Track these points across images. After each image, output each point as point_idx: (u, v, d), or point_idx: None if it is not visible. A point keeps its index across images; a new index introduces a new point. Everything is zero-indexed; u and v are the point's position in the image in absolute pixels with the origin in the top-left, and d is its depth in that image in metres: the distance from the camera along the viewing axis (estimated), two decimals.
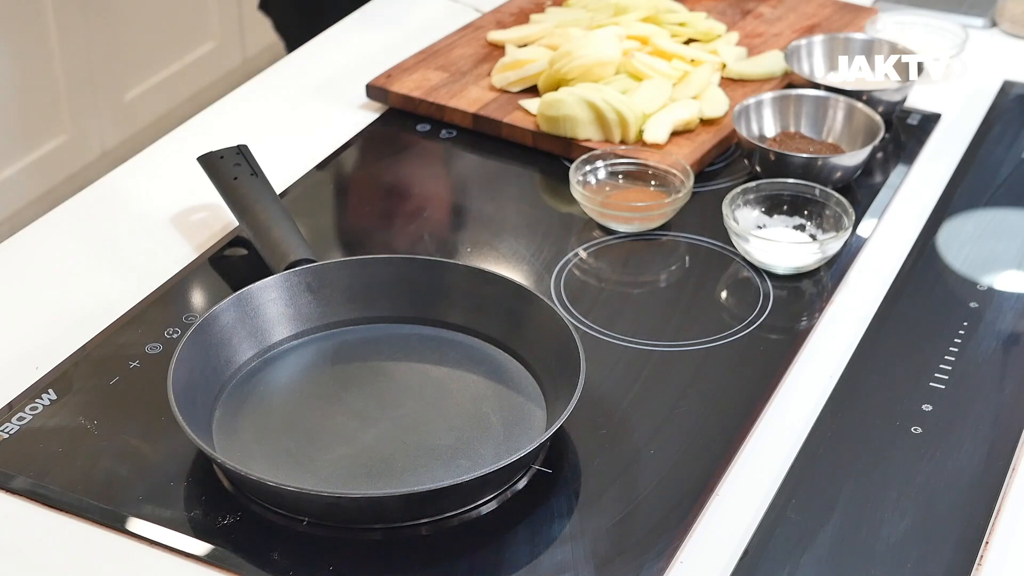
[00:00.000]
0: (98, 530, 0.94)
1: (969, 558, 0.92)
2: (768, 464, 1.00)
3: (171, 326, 1.12)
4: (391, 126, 1.45)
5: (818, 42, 1.50)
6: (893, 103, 1.42)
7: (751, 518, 0.95)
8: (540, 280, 1.20)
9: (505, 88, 1.46)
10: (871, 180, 1.35)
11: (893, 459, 1.00)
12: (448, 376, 1.07)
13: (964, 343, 1.12)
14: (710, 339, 1.13)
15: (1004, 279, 1.22)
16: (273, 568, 0.91)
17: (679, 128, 1.37)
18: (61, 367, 1.08)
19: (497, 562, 0.92)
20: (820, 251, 1.20)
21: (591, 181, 1.30)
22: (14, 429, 1.02)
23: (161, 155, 1.39)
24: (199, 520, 0.94)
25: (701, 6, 1.64)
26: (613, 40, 1.45)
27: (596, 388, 1.04)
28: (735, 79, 1.49)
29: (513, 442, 0.99)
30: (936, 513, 0.96)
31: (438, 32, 1.61)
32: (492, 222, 1.31)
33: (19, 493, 0.97)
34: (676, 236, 1.27)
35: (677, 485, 0.98)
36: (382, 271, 1.12)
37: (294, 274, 1.10)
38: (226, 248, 1.24)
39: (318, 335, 1.10)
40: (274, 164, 1.28)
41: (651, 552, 0.92)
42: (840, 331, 1.14)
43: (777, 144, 1.35)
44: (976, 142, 1.43)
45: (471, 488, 0.94)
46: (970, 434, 1.03)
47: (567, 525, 0.95)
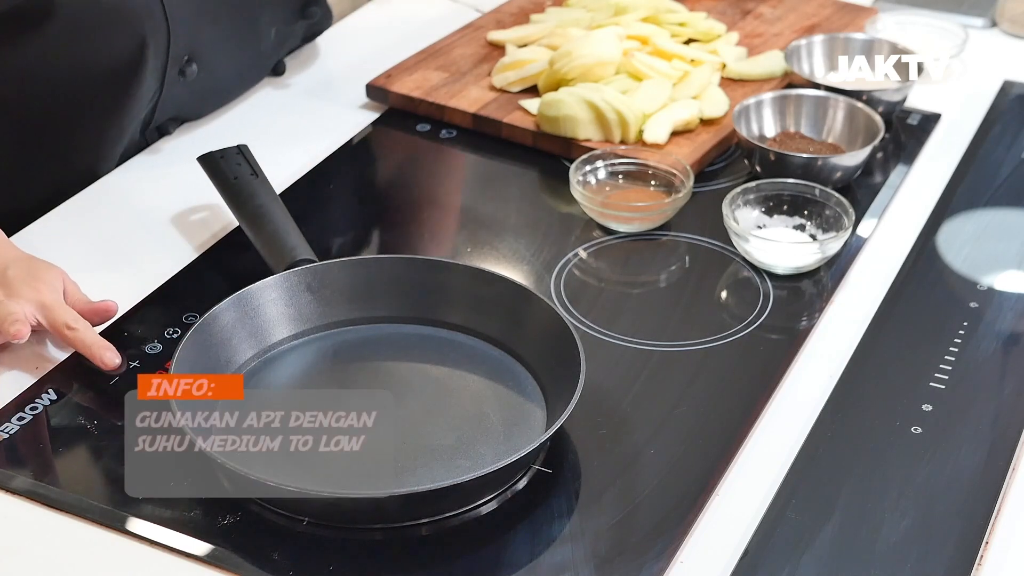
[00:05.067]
0: (98, 530, 0.94)
1: (969, 558, 0.92)
2: (768, 464, 1.00)
3: (171, 326, 1.12)
4: (391, 126, 1.45)
5: (818, 42, 1.50)
6: (893, 103, 1.42)
7: (751, 518, 0.95)
8: (540, 280, 1.20)
9: (505, 88, 1.46)
10: (871, 180, 1.35)
11: (893, 459, 1.00)
12: (448, 376, 1.07)
13: (964, 343, 1.12)
14: (710, 339, 1.13)
15: (1004, 279, 1.22)
16: (273, 568, 0.91)
17: (679, 128, 1.37)
18: (61, 367, 1.08)
19: (497, 562, 0.92)
20: (820, 251, 1.20)
21: (591, 181, 1.30)
22: (14, 429, 1.02)
23: (161, 155, 1.38)
24: (199, 520, 0.94)
25: (701, 6, 1.64)
26: (613, 40, 1.45)
27: (596, 388, 1.04)
28: (735, 79, 1.49)
29: (513, 442, 0.99)
30: (936, 513, 0.96)
31: (438, 32, 1.61)
32: (492, 222, 1.31)
33: (19, 493, 0.97)
34: (676, 236, 1.27)
35: (677, 485, 0.98)
36: (382, 271, 1.12)
37: (294, 274, 1.10)
38: (226, 248, 1.24)
39: (318, 335, 1.10)
40: (274, 164, 1.28)
41: (651, 552, 0.92)
42: (840, 331, 1.14)
43: (777, 144, 1.35)
44: (976, 142, 1.42)
45: (471, 488, 0.94)
46: (970, 434, 1.03)
47: (567, 525, 0.95)
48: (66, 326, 1.06)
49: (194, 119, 1.42)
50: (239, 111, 1.47)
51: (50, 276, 1.10)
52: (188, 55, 1.32)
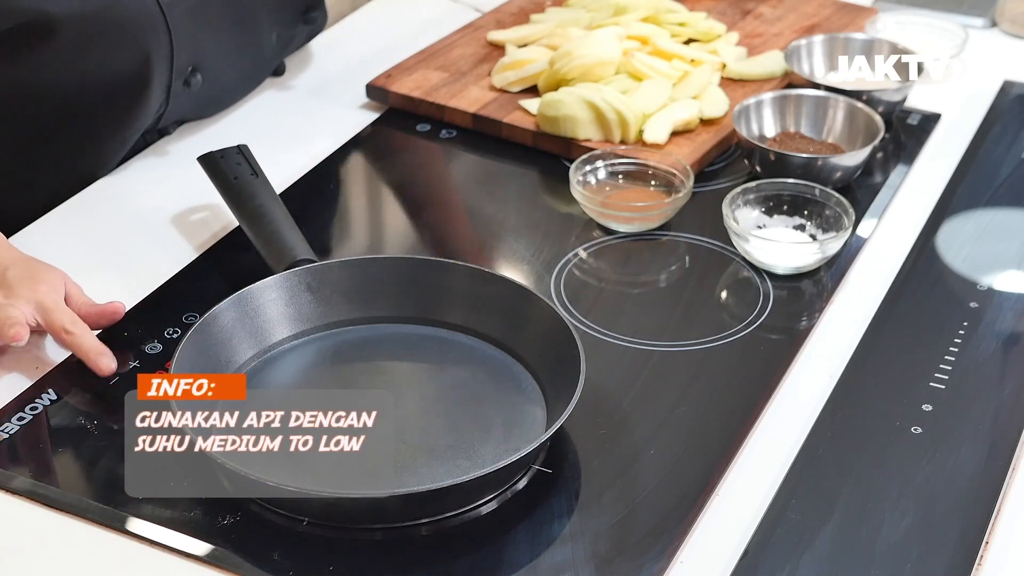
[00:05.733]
0: (98, 530, 0.94)
1: (969, 558, 0.92)
2: (768, 464, 1.00)
3: (171, 326, 1.12)
4: (391, 126, 1.45)
5: (818, 42, 1.50)
6: (893, 103, 1.42)
7: (751, 518, 0.95)
8: (540, 280, 1.20)
9: (505, 88, 1.46)
10: (871, 180, 1.35)
11: (893, 459, 1.00)
12: (448, 376, 1.07)
13: (964, 343, 1.12)
14: (710, 339, 1.13)
15: (1004, 279, 1.22)
16: (273, 568, 0.91)
17: (679, 128, 1.37)
18: (61, 367, 1.08)
19: (497, 562, 0.92)
20: (820, 251, 1.20)
21: (591, 181, 1.30)
22: (14, 429, 1.02)
23: (161, 155, 1.38)
24: (199, 520, 0.94)
25: (701, 6, 1.64)
26: (613, 40, 1.45)
27: (596, 388, 1.04)
28: (735, 79, 1.49)
29: (513, 442, 0.99)
30: (936, 513, 0.96)
31: (438, 32, 1.61)
32: (492, 222, 1.31)
33: (19, 493, 0.97)
34: (676, 236, 1.27)
35: (677, 485, 0.98)
36: (382, 271, 1.12)
37: (294, 274, 1.10)
38: (226, 248, 1.24)
39: (318, 335, 1.10)
40: (274, 164, 1.28)
41: (651, 552, 0.92)
42: (840, 331, 1.14)
43: (777, 144, 1.35)
44: (976, 142, 1.43)
45: (471, 488, 0.94)
46: (970, 434, 1.03)
47: (567, 525, 0.95)
48: (64, 329, 1.06)
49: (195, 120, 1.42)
50: (239, 111, 1.47)
51: (51, 277, 1.10)
52: (192, 65, 1.32)
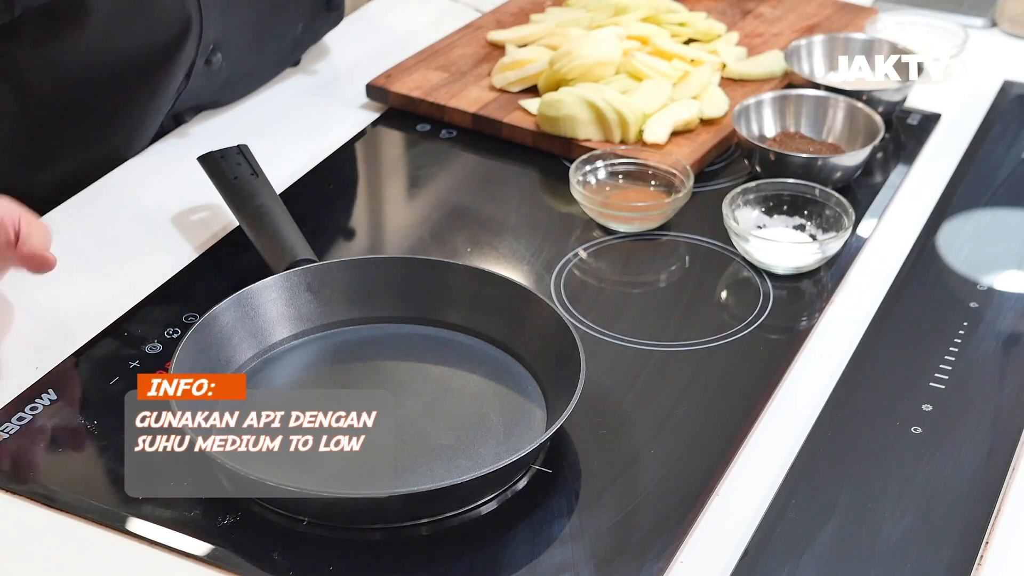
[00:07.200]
0: (98, 530, 0.94)
1: (969, 558, 0.92)
2: (768, 464, 1.00)
3: (171, 326, 1.12)
4: (391, 126, 1.45)
5: (818, 42, 1.50)
6: (893, 103, 1.42)
7: (751, 518, 0.95)
8: (540, 280, 1.20)
9: (505, 88, 1.46)
10: (871, 180, 1.35)
11: (893, 459, 1.00)
12: (448, 376, 1.07)
13: (964, 343, 1.12)
14: (710, 339, 1.13)
15: (1004, 279, 1.22)
16: (273, 568, 0.91)
17: (679, 128, 1.37)
18: (61, 367, 1.08)
19: (497, 562, 0.92)
20: (820, 251, 1.20)
21: (591, 181, 1.30)
22: (14, 429, 1.02)
23: (161, 155, 1.39)
24: (199, 520, 0.94)
25: (701, 6, 1.64)
26: (613, 40, 1.45)
27: (596, 388, 1.04)
28: (735, 79, 1.49)
29: (513, 442, 0.99)
30: (936, 513, 0.96)
31: (438, 32, 1.61)
32: (492, 222, 1.31)
33: (19, 493, 0.97)
34: (676, 236, 1.27)
35: (677, 485, 0.98)
36: (382, 271, 1.12)
37: (294, 274, 1.10)
38: (226, 248, 1.24)
39: (318, 335, 1.10)
40: (274, 164, 1.28)
41: (651, 552, 0.92)
42: (840, 331, 1.14)
43: (777, 144, 1.35)
44: (976, 142, 1.43)
45: (471, 488, 0.94)
46: (970, 434, 1.03)
47: (567, 525, 0.95)
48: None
49: (211, 108, 1.42)
50: (239, 111, 1.47)
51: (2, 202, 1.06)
52: (214, 44, 1.32)
